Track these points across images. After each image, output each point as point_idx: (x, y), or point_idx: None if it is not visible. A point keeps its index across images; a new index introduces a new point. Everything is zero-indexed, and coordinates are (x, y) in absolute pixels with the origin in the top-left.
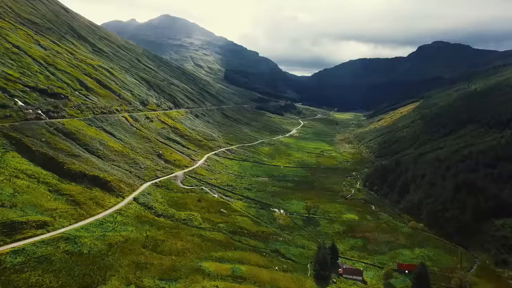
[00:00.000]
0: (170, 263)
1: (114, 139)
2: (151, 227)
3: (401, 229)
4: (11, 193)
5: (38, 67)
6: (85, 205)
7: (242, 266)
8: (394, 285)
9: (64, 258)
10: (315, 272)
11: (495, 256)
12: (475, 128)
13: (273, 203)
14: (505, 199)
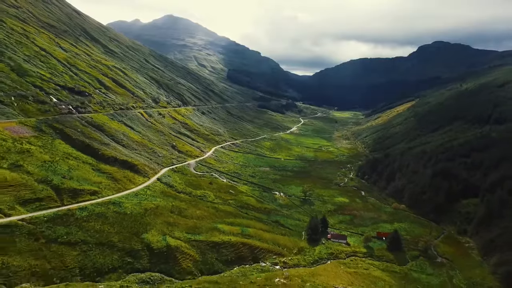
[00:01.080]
0: (193, 223)
1: (133, 132)
2: (174, 199)
3: (384, 209)
4: (67, 169)
5: (63, 67)
6: (121, 181)
7: (249, 229)
8: (372, 247)
9: (115, 215)
10: (308, 236)
11: (458, 227)
12: (460, 124)
13: (274, 187)
14: (473, 183)
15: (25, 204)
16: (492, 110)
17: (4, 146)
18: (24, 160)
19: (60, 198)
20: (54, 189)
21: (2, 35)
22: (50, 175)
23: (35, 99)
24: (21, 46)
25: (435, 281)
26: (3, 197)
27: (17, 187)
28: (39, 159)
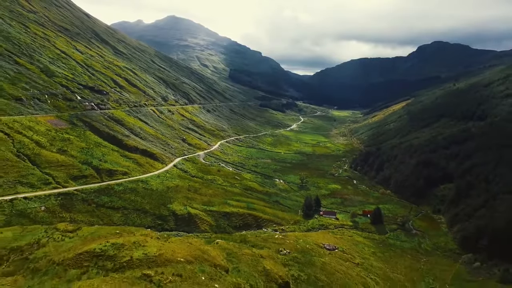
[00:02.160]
0: (207, 199)
1: (148, 126)
2: (189, 181)
3: (372, 194)
4: (101, 154)
5: (81, 68)
6: (144, 166)
7: (254, 205)
8: (358, 222)
9: (144, 190)
10: (303, 212)
11: (434, 207)
12: (447, 121)
13: (274, 175)
14: (449, 170)
15: (75, 180)
16: (476, 108)
17: (50, 135)
18: (67, 146)
19: (100, 176)
20: (94, 169)
21: (29, 39)
22: (89, 158)
23: (63, 97)
24: (45, 49)
25: (407, 245)
26: (58, 174)
27: (67, 167)
28: (78, 146)
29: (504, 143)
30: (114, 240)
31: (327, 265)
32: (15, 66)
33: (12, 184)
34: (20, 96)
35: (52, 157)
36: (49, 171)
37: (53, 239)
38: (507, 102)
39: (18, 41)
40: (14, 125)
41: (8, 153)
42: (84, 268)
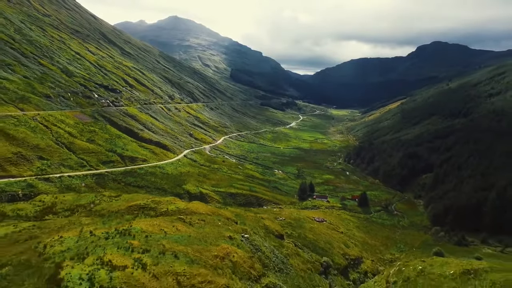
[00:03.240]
0: (215, 182)
1: (158, 122)
2: (199, 168)
3: (362, 183)
4: (122, 144)
5: (95, 69)
6: (159, 155)
7: (255, 188)
8: (346, 204)
9: (161, 174)
10: (298, 196)
11: (415, 193)
12: (436, 118)
13: (273, 166)
14: (431, 161)
15: (104, 164)
16: (463, 107)
17: (78, 127)
18: (94, 137)
19: (124, 162)
20: (119, 156)
21: (47, 42)
22: (113, 147)
23: (83, 95)
24: (62, 51)
25: (387, 222)
26: (90, 159)
27: (96, 153)
28: (102, 137)
29: (478, 137)
30: (152, 199)
31: (315, 229)
32: (40, 67)
33: (57, 166)
34: (49, 94)
35: (84, 145)
36: (83, 156)
37: (104, 200)
38: (489, 101)
39: (39, 44)
40: (50, 118)
41: (50, 141)
42: (135, 214)
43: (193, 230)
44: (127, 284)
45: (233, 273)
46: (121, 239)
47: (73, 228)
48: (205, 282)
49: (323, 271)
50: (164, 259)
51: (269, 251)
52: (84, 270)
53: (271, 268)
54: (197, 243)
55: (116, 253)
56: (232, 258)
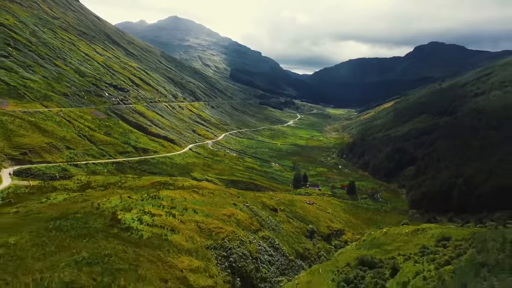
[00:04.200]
0: (218, 171)
1: (164, 119)
2: (203, 160)
3: (353, 175)
4: (135, 138)
5: (103, 69)
6: (167, 147)
7: (254, 177)
8: (336, 192)
9: (171, 163)
10: (293, 184)
11: (399, 183)
12: (425, 117)
13: (271, 160)
14: (416, 155)
15: (121, 154)
16: (449, 105)
17: (95, 122)
18: (110, 130)
19: (138, 152)
20: (133, 147)
21: (59, 44)
22: (127, 140)
23: (95, 94)
24: (72, 53)
25: (372, 207)
26: (109, 149)
27: (113, 145)
28: (117, 131)
29: (458, 133)
30: (169, 178)
31: (305, 207)
32: (55, 68)
33: (82, 154)
34: (66, 92)
35: (102, 138)
36: (102, 147)
37: (129, 180)
38: (474, 101)
39: (53, 46)
40: (71, 114)
41: (73, 134)
42: (157, 188)
43: (205, 198)
44: (164, 224)
45: (237, 225)
46: (153, 201)
47: (114, 195)
48: (218, 227)
49: (309, 235)
50: (187, 213)
51: (265, 217)
52: (133, 215)
53: (266, 227)
54: (210, 206)
55: (152, 208)
56: (236, 217)
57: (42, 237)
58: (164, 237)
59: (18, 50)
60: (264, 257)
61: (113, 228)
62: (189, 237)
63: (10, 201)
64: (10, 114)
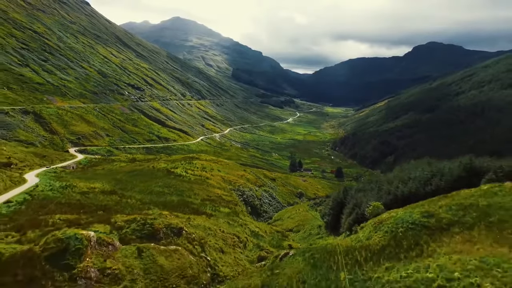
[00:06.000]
0: (227, 157)
1: (176, 115)
2: (213, 148)
3: (343, 163)
4: (157, 129)
5: (120, 70)
6: (183, 137)
7: (256, 162)
8: (326, 176)
9: (188, 149)
10: (289, 169)
11: (381, 169)
12: (413, 114)
13: (271, 151)
14: (400, 147)
15: (148, 141)
16: (434, 103)
17: (124, 116)
18: (136, 123)
19: (161, 140)
20: (156, 136)
21: (81, 48)
22: (151, 130)
23: (117, 92)
24: (93, 56)
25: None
26: (138, 138)
27: (141, 134)
28: (141, 123)
29: (434, 126)
30: (194, 154)
31: (297, 181)
32: (82, 70)
33: (119, 141)
34: (95, 91)
35: (131, 128)
36: (133, 135)
37: (162, 157)
38: (454, 99)
39: (77, 50)
40: (103, 109)
41: (109, 125)
42: (188, 160)
43: (223, 166)
44: (201, 174)
45: (247, 181)
46: (189, 165)
47: (160, 162)
48: (235, 180)
49: (298, 196)
50: (213, 171)
51: (266, 180)
52: (180, 170)
53: (267, 186)
54: (227, 169)
55: (190, 167)
56: (246, 176)
57: (132, 177)
58: (204, 179)
59: (52, 54)
60: (265, 200)
61: (170, 175)
62: (217, 182)
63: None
64: (63, 109)
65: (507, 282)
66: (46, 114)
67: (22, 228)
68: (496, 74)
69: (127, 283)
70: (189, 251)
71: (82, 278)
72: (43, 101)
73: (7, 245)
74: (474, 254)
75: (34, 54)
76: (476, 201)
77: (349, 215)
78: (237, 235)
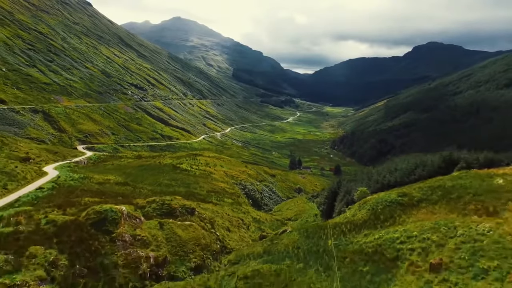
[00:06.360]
0: (229, 155)
1: (178, 114)
2: (215, 146)
3: (341, 162)
4: (160, 128)
5: (123, 70)
6: (186, 136)
7: (257, 160)
8: (325, 173)
9: (191, 147)
10: (289, 167)
11: None
12: (411, 113)
13: (271, 150)
14: (397, 146)
15: (151, 139)
16: (432, 103)
17: (128, 115)
18: (140, 121)
19: (164, 139)
20: (160, 135)
21: (85, 48)
22: (155, 129)
23: (121, 92)
24: (96, 56)
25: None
26: (142, 136)
27: (145, 133)
28: (145, 122)
29: (431, 125)
30: (198, 151)
31: (296, 178)
32: (87, 70)
33: (124, 139)
34: (100, 91)
35: (136, 127)
36: (137, 134)
37: (167, 154)
38: (451, 99)
39: (81, 50)
40: (108, 108)
41: (115, 123)
42: (192, 156)
43: (225, 162)
44: (205, 169)
45: (249, 176)
46: (193, 161)
47: (165, 158)
48: (237, 175)
49: (297, 191)
50: (216, 167)
51: (266, 176)
52: (185, 165)
53: (267, 181)
54: (230, 165)
55: (194, 163)
56: (247, 172)
57: (141, 171)
58: (208, 173)
59: (57, 55)
60: (265, 194)
61: (176, 170)
62: (221, 176)
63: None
64: (69, 108)
65: (449, 235)
66: (54, 113)
67: (61, 206)
68: (493, 74)
69: (154, 247)
70: (201, 227)
71: (120, 240)
72: (50, 100)
73: (58, 216)
74: (432, 220)
75: (40, 54)
76: (443, 183)
77: (340, 201)
78: (241, 219)
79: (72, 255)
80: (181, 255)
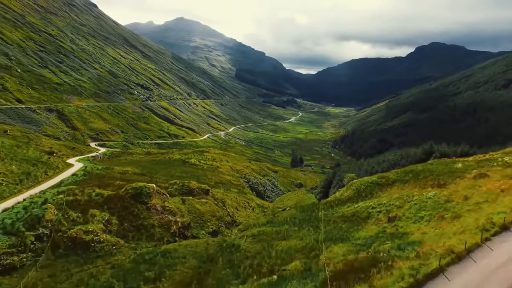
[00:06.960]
0: (233, 152)
1: (183, 113)
2: (219, 145)
3: (341, 160)
4: (167, 126)
5: (129, 71)
6: (191, 134)
7: (260, 158)
8: (325, 171)
9: (196, 145)
10: (291, 165)
11: None
12: (410, 114)
13: (274, 149)
14: (395, 144)
15: (159, 138)
16: (431, 103)
17: (136, 114)
18: (148, 120)
19: (171, 137)
20: (167, 133)
21: (92, 49)
22: (162, 127)
23: (128, 92)
24: (103, 57)
25: None
26: (150, 134)
27: (152, 131)
28: (152, 121)
29: (430, 125)
30: (204, 148)
31: (298, 174)
32: (95, 70)
33: (132, 137)
34: (108, 91)
35: (144, 126)
36: (145, 132)
37: (175, 151)
38: (451, 99)
39: (88, 51)
40: (117, 108)
41: (123, 122)
42: (198, 152)
43: (230, 158)
44: (212, 164)
45: (252, 171)
46: (201, 156)
47: (174, 154)
48: (241, 169)
49: (298, 186)
50: (222, 162)
51: (269, 172)
52: (194, 160)
53: (270, 176)
54: (235, 161)
55: (202, 158)
56: (251, 167)
57: (153, 165)
58: (215, 167)
59: (66, 56)
60: (268, 187)
61: (186, 164)
62: (227, 170)
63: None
64: (81, 107)
65: (407, 200)
66: (68, 112)
67: (100, 186)
68: (492, 75)
69: (179, 216)
70: (215, 204)
71: (153, 209)
72: (63, 100)
73: (103, 191)
74: (399, 193)
75: (51, 56)
76: (415, 168)
77: (334, 187)
78: (247, 201)
79: (120, 217)
80: (201, 223)
